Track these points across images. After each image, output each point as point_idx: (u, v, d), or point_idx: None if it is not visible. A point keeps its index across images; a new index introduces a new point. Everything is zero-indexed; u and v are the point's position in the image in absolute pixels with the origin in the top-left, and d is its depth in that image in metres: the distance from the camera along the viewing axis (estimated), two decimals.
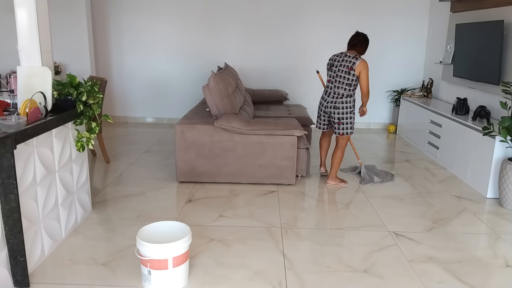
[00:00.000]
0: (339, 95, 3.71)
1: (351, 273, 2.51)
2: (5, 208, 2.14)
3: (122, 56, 6.54)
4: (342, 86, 3.68)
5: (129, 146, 5.33)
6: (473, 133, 3.98)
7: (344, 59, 3.66)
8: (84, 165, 3.12)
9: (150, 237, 2.31)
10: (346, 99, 3.70)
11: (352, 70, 3.59)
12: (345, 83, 3.66)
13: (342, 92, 3.69)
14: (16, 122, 2.19)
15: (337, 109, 3.73)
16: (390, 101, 6.58)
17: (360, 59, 3.60)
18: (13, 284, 2.25)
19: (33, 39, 2.70)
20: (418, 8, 6.24)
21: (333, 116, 3.79)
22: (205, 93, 3.93)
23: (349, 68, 3.60)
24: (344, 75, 3.64)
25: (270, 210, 3.40)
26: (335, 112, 3.76)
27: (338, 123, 3.78)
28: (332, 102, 3.76)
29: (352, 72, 3.60)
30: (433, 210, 3.48)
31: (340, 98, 3.71)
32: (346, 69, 3.62)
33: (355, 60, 3.60)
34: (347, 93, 3.68)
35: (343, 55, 3.71)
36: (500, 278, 2.50)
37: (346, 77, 3.64)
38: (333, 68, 3.74)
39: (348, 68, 3.61)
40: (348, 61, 3.63)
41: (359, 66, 3.58)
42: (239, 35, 6.39)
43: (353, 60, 3.60)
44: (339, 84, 3.69)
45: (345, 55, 3.68)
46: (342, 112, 3.73)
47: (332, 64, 3.76)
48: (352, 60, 3.61)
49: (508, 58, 4.10)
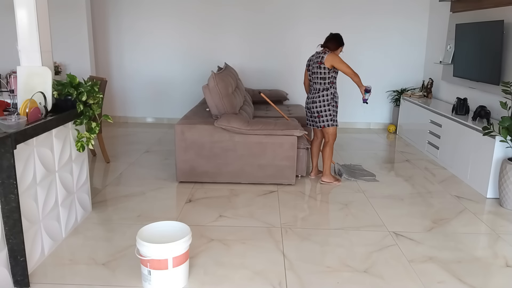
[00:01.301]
0: (316, 90, 3.92)
1: (351, 273, 2.51)
2: (5, 208, 2.14)
3: (122, 56, 6.54)
4: (317, 81, 3.89)
5: (129, 146, 5.33)
6: (473, 133, 3.98)
7: (315, 56, 3.91)
8: (84, 165, 3.12)
9: (150, 237, 2.31)
10: (322, 93, 3.88)
11: (322, 64, 3.81)
12: (318, 77, 3.87)
13: (318, 87, 3.90)
14: (16, 122, 2.19)
15: (315, 103, 3.93)
16: (390, 101, 6.58)
17: (328, 53, 3.81)
18: (13, 284, 2.25)
19: (33, 39, 2.70)
20: (418, 8, 6.24)
21: (313, 111, 3.97)
22: (205, 93, 3.93)
23: (319, 63, 3.83)
24: (316, 70, 3.87)
25: (270, 210, 3.40)
26: (313, 107, 3.95)
27: (318, 117, 3.94)
28: (311, 98, 3.98)
29: (322, 66, 3.81)
30: (433, 210, 3.48)
31: (317, 92, 3.91)
32: (316, 65, 3.85)
33: (324, 54, 3.82)
34: (323, 87, 3.87)
35: (315, 54, 3.94)
36: (500, 278, 2.50)
37: (318, 72, 3.86)
38: (309, 68, 3.98)
39: (318, 63, 3.84)
40: (318, 57, 3.86)
41: (327, 59, 3.78)
42: (239, 35, 6.39)
43: (321, 55, 3.83)
44: (315, 80, 3.91)
45: (317, 53, 3.92)
46: (320, 106, 3.90)
47: (308, 65, 4.00)
48: (321, 55, 3.84)
49: (508, 58, 4.10)
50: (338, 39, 3.89)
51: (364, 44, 6.35)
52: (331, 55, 3.78)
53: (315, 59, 3.87)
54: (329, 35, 3.93)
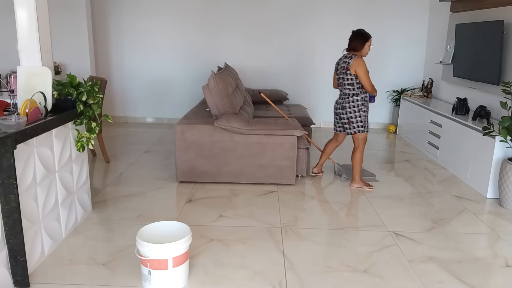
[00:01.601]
0: (346, 95, 3.80)
1: (351, 273, 2.51)
2: (5, 208, 2.14)
3: (122, 56, 6.54)
4: (346, 86, 3.77)
5: (129, 146, 5.33)
6: (473, 133, 3.98)
7: (343, 60, 3.77)
8: (84, 165, 3.12)
9: (150, 237, 2.31)
10: (352, 98, 3.76)
11: (348, 70, 3.69)
12: (346, 83, 3.75)
13: (347, 92, 3.78)
14: (16, 122, 2.19)
15: (344, 109, 3.81)
16: (390, 101, 6.58)
17: (354, 58, 3.66)
18: (13, 284, 2.25)
19: (33, 39, 2.70)
20: (418, 8, 6.24)
21: (342, 117, 3.85)
22: (205, 93, 3.93)
23: (345, 69, 3.71)
24: (343, 76, 3.74)
25: (270, 210, 3.40)
26: (343, 113, 3.83)
27: (348, 123, 3.83)
28: (340, 103, 3.85)
29: (349, 72, 3.69)
30: (433, 210, 3.48)
31: (346, 98, 3.79)
32: (343, 70, 3.74)
33: (349, 60, 3.69)
34: (352, 92, 3.75)
35: (343, 57, 3.80)
36: (500, 278, 2.50)
37: (345, 78, 3.73)
38: (337, 72, 3.85)
39: (344, 69, 3.72)
40: (344, 62, 3.74)
41: (353, 65, 3.66)
42: (239, 35, 6.39)
43: (347, 60, 3.70)
44: (343, 85, 3.79)
45: (344, 56, 3.78)
46: (349, 112, 3.79)
47: (336, 68, 3.87)
48: (347, 61, 3.70)
49: (508, 58, 4.10)
50: (362, 35, 3.70)
51: None
52: (356, 60, 3.64)
53: (342, 64, 3.74)
54: (351, 35, 3.76)
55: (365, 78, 3.67)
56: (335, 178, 4.21)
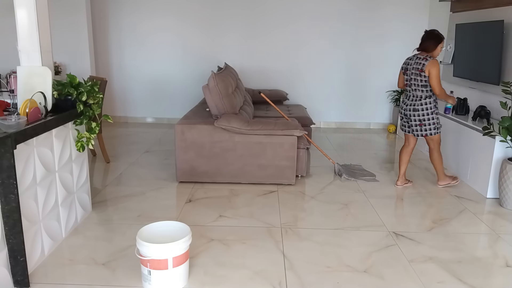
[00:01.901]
0: (417, 97, 3.71)
1: (351, 273, 2.51)
2: (5, 208, 2.14)
3: (122, 56, 6.54)
4: (418, 88, 3.68)
5: (129, 146, 5.33)
6: (473, 133, 3.98)
7: (415, 61, 3.68)
8: (84, 165, 3.12)
9: (150, 237, 2.31)
10: (425, 101, 3.68)
11: (422, 72, 3.60)
12: (419, 85, 3.66)
13: (420, 94, 3.69)
14: (16, 122, 2.19)
15: (416, 111, 3.73)
16: (390, 101, 6.58)
17: (429, 60, 3.58)
18: (13, 284, 2.25)
19: (33, 39, 2.70)
20: (418, 8, 6.24)
21: (413, 119, 3.77)
22: (205, 93, 3.93)
23: (419, 70, 3.62)
24: (416, 77, 3.66)
25: (270, 210, 3.40)
26: (414, 115, 3.75)
27: (419, 125, 3.76)
28: (412, 105, 3.76)
29: (423, 74, 3.60)
30: (433, 210, 3.48)
31: (419, 100, 3.70)
32: (417, 71, 3.64)
33: (425, 61, 3.59)
34: (425, 94, 3.67)
35: (415, 57, 3.72)
36: (500, 278, 2.50)
37: (418, 79, 3.65)
38: (407, 72, 3.77)
39: (418, 70, 3.63)
40: (418, 63, 3.64)
41: (428, 66, 3.57)
42: (239, 35, 6.39)
43: (422, 62, 3.61)
44: (415, 86, 3.70)
45: (417, 57, 3.70)
46: (422, 114, 3.71)
47: (406, 68, 3.79)
48: (422, 62, 3.61)
49: (508, 58, 4.10)
50: (436, 36, 3.61)
51: (364, 43, 6.35)
52: (432, 63, 3.54)
53: (415, 65, 3.65)
54: (424, 35, 3.68)
55: (437, 81, 3.57)
56: (335, 178, 4.21)
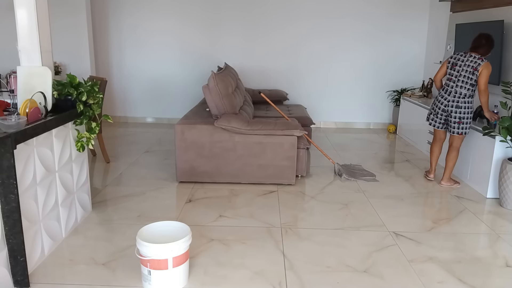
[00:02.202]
0: (461, 94, 3.72)
1: (351, 273, 2.51)
2: (5, 208, 2.14)
3: (122, 56, 6.54)
4: (465, 86, 3.69)
5: (129, 146, 5.33)
6: (473, 133, 3.98)
7: (469, 59, 3.68)
8: (84, 165, 3.12)
9: (150, 237, 2.31)
10: (468, 99, 3.72)
11: (476, 71, 3.61)
12: (469, 83, 3.67)
13: (465, 92, 3.70)
14: (16, 122, 2.19)
15: (459, 109, 3.74)
16: (390, 101, 6.58)
17: (485, 61, 3.61)
18: (13, 284, 2.25)
19: (33, 39, 2.70)
20: (418, 8, 6.24)
21: (454, 115, 3.77)
22: (205, 93, 3.93)
23: (473, 69, 3.63)
24: (468, 75, 3.66)
25: (270, 210, 3.40)
26: (456, 112, 3.75)
27: (458, 123, 3.77)
28: (454, 101, 3.76)
29: (476, 73, 3.61)
30: (433, 210, 3.48)
31: (462, 98, 3.72)
32: (471, 69, 3.64)
33: (480, 61, 3.62)
34: (470, 93, 3.70)
35: (467, 55, 3.72)
36: (500, 278, 2.50)
37: (470, 77, 3.65)
38: (456, 67, 3.75)
39: (473, 69, 3.63)
40: (474, 62, 3.64)
41: (484, 67, 3.59)
42: (239, 35, 6.39)
43: (478, 61, 3.62)
44: (462, 83, 3.70)
45: (470, 55, 3.70)
46: (464, 112, 3.73)
47: (455, 63, 3.77)
48: (478, 61, 3.63)
49: (508, 58, 4.10)
50: (492, 42, 3.67)
51: (364, 43, 6.36)
52: (487, 64, 3.60)
53: (469, 63, 3.65)
54: (478, 37, 3.70)
55: (484, 83, 3.60)
56: (335, 178, 4.21)
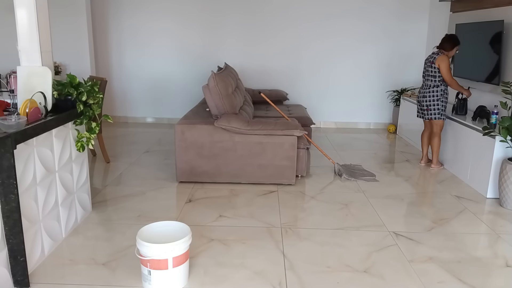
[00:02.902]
0: (427, 86, 4.39)
1: (351, 273, 2.51)
2: (5, 208, 2.14)
3: (122, 56, 6.54)
4: (429, 78, 4.36)
5: (129, 146, 5.33)
6: (473, 133, 3.98)
7: (430, 55, 4.39)
8: (84, 165, 3.12)
9: (150, 237, 2.31)
10: (433, 89, 4.33)
11: (433, 64, 4.29)
12: (430, 75, 4.35)
13: (429, 84, 4.36)
14: (16, 122, 2.19)
15: (425, 98, 4.41)
16: (390, 101, 6.58)
17: (440, 55, 4.25)
18: (13, 284, 2.25)
19: (33, 39, 2.70)
20: (418, 8, 6.24)
21: (423, 104, 4.45)
22: (205, 93, 3.93)
23: (430, 63, 4.33)
24: (428, 68, 4.37)
25: (270, 210, 3.40)
26: (424, 101, 4.43)
27: (426, 110, 4.42)
28: (422, 93, 4.46)
29: (433, 66, 4.28)
30: (433, 210, 3.48)
31: (428, 88, 4.38)
32: (429, 63, 4.35)
33: (436, 55, 4.29)
34: (433, 84, 4.33)
35: (431, 53, 4.39)
36: (500, 278, 2.50)
37: (429, 70, 4.34)
38: (424, 65, 4.47)
39: (430, 63, 4.34)
40: (432, 57, 4.35)
41: (438, 60, 4.24)
42: (239, 35, 6.39)
43: (434, 56, 4.31)
44: (428, 77, 4.38)
45: (432, 52, 4.39)
46: (429, 100, 4.37)
47: (425, 62, 4.47)
48: (434, 56, 4.32)
49: (508, 58, 4.10)
50: (453, 39, 4.29)
51: (364, 43, 6.36)
52: (442, 57, 4.23)
53: (429, 58, 4.36)
54: (444, 36, 4.34)
55: (446, 72, 4.22)
56: (335, 178, 4.21)
